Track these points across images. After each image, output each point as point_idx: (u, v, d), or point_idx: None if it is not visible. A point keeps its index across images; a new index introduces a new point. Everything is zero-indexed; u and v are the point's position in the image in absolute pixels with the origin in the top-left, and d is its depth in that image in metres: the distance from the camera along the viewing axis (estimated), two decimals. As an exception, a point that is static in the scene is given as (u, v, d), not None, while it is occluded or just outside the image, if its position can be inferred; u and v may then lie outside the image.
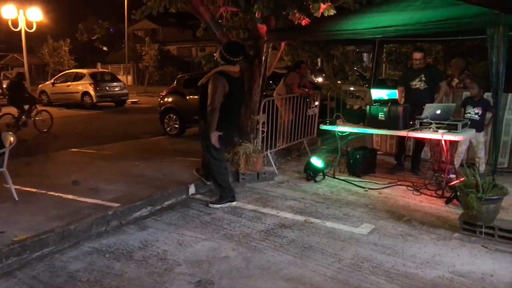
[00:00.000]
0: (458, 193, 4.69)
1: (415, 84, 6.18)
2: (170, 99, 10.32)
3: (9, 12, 19.77)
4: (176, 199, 5.39)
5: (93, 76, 18.60)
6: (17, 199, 5.02)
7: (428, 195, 5.41)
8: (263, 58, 6.63)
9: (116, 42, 44.71)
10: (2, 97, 18.17)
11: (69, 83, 18.52)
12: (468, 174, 4.29)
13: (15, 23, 19.88)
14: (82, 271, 3.58)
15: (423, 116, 5.49)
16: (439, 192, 5.38)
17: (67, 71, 21.07)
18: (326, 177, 6.25)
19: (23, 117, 10.99)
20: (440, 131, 5.20)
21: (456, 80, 7.41)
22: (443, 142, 5.22)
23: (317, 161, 6.17)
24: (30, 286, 3.37)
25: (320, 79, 12.17)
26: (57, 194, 5.29)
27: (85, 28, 48.58)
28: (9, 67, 26.37)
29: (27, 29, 20.20)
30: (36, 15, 20.52)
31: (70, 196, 5.19)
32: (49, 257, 3.84)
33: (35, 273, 3.56)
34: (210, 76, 4.91)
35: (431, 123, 5.34)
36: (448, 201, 5.07)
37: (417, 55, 6.15)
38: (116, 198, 5.07)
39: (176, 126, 10.09)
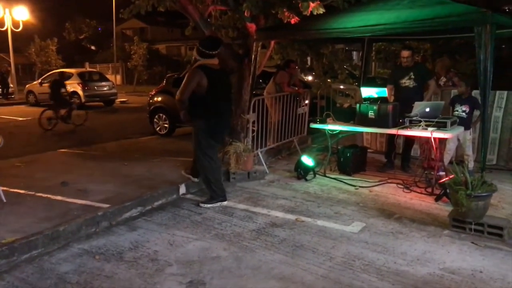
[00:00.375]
0: (448, 191, 4.73)
1: (404, 82, 6.22)
2: (159, 99, 10.26)
3: (-5, 11, 19.57)
4: (167, 199, 5.36)
5: (81, 75, 18.41)
6: (4, 200, 4.94)
7: (418, 192, 5.45)
8: (253, 57, 6.61)
9: (104, 41, 44.31)
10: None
11: (57, 83, 18.28)
12: (457, 172, 4.32)
13: (1, 23, 19.65)
14: (72, 273, 3.54)
15: (412, 114, 5.52)
16: (429, 190, 5.42)
17: (54, 71, 20.80)
18: (317, 175, 6.26)
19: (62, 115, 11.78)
20: (430, 129, 5.24)
21: (443, 79, 7.47)
22: (432, 140, 5.26)
23: (307, 160, 6.18)
24: (19, 289, 3.33)
25: (310, 78, 12.18)
26: (45, 195, 5.22)
27: (72, 27, 48.07)
28: (-5, 67, 26.00)
29: (13, 29, 19.97)
30: (22, 14, 20.32)
31: (59, 197, 5.13)
32: (38, 259, 3.80)
33: (24, 276, 3.51)
34: None
35: (420, 121, 5.38)
36: (438, 198, 5.11)
37: (405, 53, 6.20)
38: (106, 199, 5.03)
39: (166, 125, 10.03)
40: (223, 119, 5.16)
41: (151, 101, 10.48)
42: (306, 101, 7.81)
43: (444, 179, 5.09)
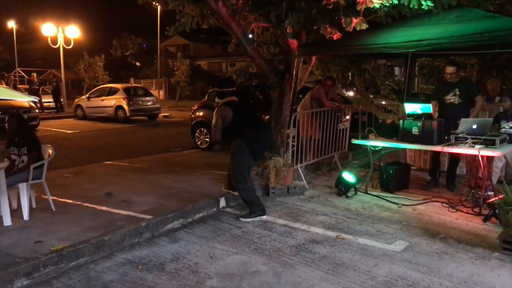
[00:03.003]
0: (497, 211, 4.53)
1: (449, 99, 6.06)
2: (201, 113, 10.46)
3: (49, 30, 20.69)
4: (207, 212, 5.43)
5: (126, 90, 19.03)
6: (54, 210, 5.18)
7: (465, 212, 5.25)
8: (294, 72, 6.64)
9: (149, 57, 45.77)
10: (41, 111, 18.73)
11: (104, 97, 19.01)
12: (507, 191, 4.14)
13: (54, 40, 20.74)
14: (116, 282, 3.63)
15: (458, 131, 5.36)
16: (476, 210, 5.21)
17: (101, 86, 21.63)
18: (358, 192, 6.16)
19: None
20: (477, 146, 5.06)
21: (497, 98, 7.19)
22: (480, 157, 5.07)
23: (348, 176, 6.10)
24: (66, 295, 3.45)
25: (351, 93, 12.07)
26: (91, 205, 5.42)
27: (119, 44, 50.02)
28: (47, 82, 27.29)
29: (65, 46, 21.02)
30: (74, 33, 21.37)
31: (104, 208, 5.31)
32: (84, 267, 3.93)
33: (71, 282, 3.64)
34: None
35: (467, 138, 5.21)
36: (486, 218, 4.90)
37: (449, 69, 6.03)
38: (149, 210, 5.15)
39: (206, 139, 10.19)
40: (260, 136, 5.25)
41: (192, 115, 10.69)
42: (347, 117, 7.74)
43: (493, 199, 4.88)
